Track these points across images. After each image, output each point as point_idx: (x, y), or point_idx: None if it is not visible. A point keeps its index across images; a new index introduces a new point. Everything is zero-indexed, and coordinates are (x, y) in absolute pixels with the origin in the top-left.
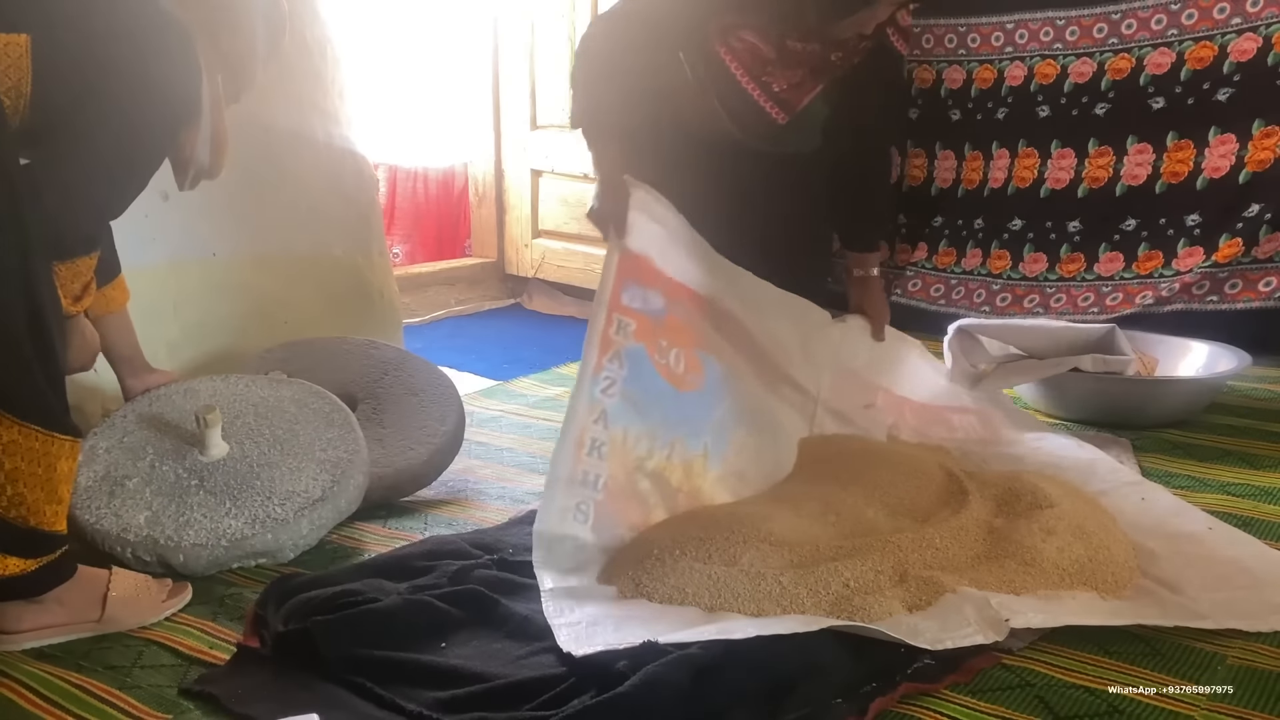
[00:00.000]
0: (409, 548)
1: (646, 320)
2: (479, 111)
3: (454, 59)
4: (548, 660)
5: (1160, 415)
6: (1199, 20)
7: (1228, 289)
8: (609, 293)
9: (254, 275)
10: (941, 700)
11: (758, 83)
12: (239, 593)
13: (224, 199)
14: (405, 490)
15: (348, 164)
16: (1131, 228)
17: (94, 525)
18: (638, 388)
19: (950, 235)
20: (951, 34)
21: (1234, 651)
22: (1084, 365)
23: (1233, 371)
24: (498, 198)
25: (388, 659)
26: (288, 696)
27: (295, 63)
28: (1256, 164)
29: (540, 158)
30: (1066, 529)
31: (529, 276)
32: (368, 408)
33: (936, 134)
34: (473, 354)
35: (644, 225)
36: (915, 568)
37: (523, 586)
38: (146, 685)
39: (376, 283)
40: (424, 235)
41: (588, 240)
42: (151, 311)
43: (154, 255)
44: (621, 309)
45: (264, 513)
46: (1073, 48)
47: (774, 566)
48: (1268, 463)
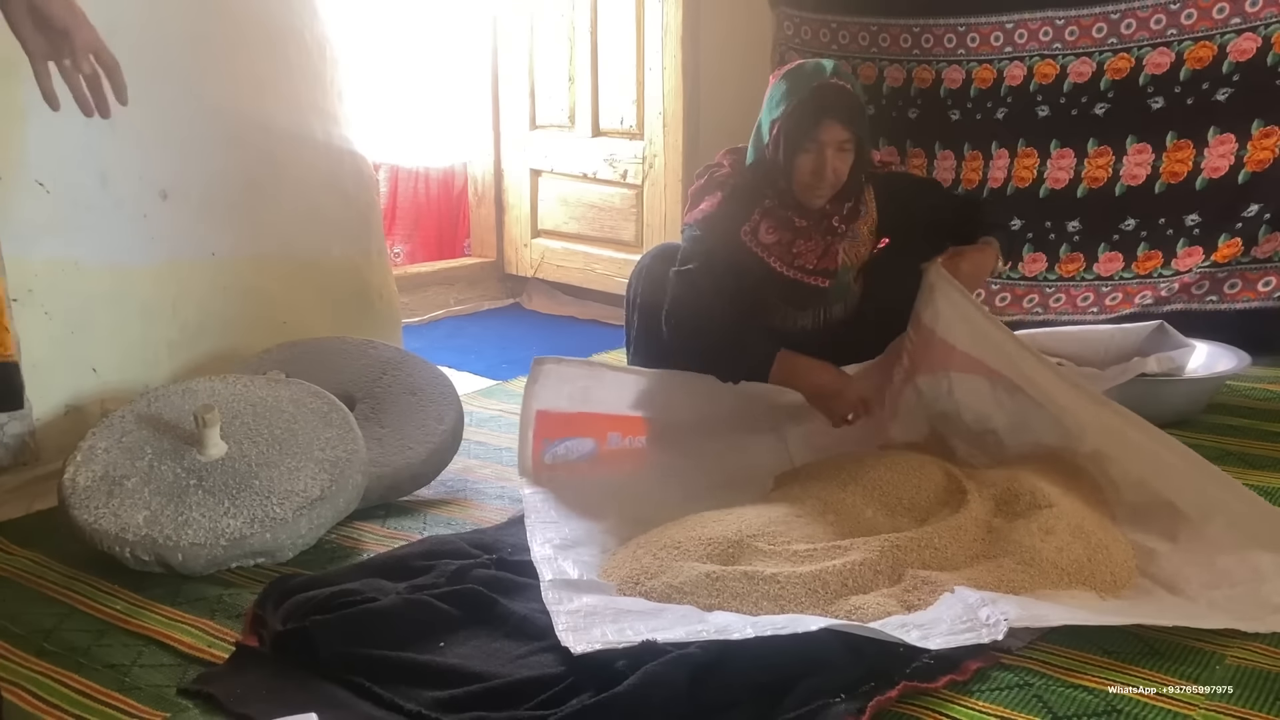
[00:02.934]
0: (408, 547)
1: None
2: (478, 111)
3: (453, 58)
4: (546, 660)
5: (1159, 415)
6: (1198, 20)
7: (1227, 289)
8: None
9: (253, 275)
10: (940, 699)
11: (792, 266)
12: (238, 592)
13: (223, 199)
14: (404, 490)
15: (347, 164)
16: (1131, 227)
17: (93, 525)
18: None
19: None
20: (950, 34)
21: (1232, 651)
22: (1149, 368)
23: (1232, 371)
24: (497, 197)
25: (386, 658)
26: (286, 696)
27: (294, 63)
28: (1256, 164)
29: (539, 157)
30: (1065, 529)
31: (528, 276)
32: (366, 407)
33: (935, 134)
34: (471, 354)
35: (553, 386)
36: (913, 567)
37: (521, 586)
38: (145, 685)
39: (375, 283)
40: (425, 235)
41: (587, 240)
42: (150, 311)
43: (153, 255)
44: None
45: (263, 512)
46: (1072, 47)
47: (771, 566)
48: (1267, 462)
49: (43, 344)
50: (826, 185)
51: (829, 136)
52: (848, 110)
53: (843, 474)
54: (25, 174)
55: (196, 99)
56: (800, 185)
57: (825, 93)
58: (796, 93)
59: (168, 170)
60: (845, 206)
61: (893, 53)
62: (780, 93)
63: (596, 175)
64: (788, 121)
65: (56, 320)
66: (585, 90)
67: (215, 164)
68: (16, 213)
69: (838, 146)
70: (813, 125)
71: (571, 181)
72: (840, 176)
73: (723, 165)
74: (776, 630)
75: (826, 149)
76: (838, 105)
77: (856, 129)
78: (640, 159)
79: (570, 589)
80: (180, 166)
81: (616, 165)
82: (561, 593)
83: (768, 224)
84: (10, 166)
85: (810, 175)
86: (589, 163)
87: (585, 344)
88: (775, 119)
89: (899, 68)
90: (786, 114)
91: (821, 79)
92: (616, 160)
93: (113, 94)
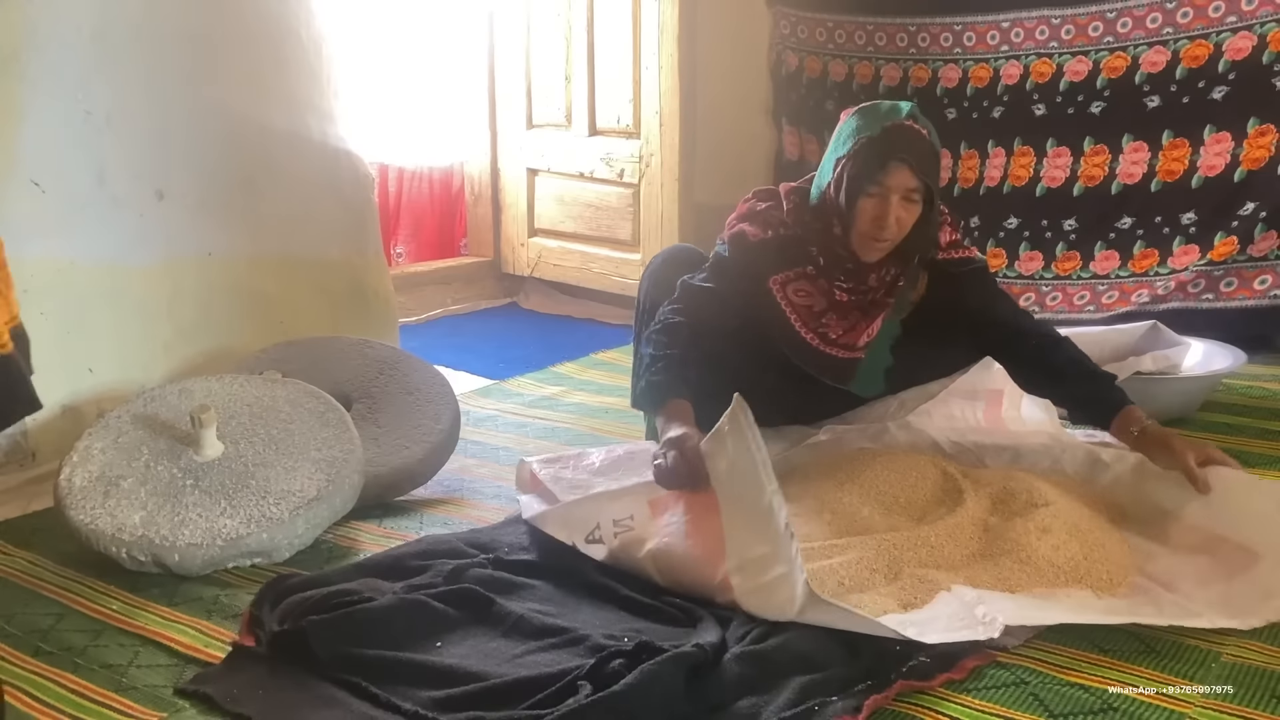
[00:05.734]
0: (404, 547)
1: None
2: (474, 110)
3: (449, 57)
4: (543, 659)
5: (1156, 413)
6: (1194, 19)
7: (1223, 287)
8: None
9: (249, 275)
10: (937, 698)
11: (815, 333)
12: (234, 592)
13: (219, 198)
14: (401, 489)
15: (343, 163)
16: (1127, 226)
17: (89, 525)
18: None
19: None
20: (947, 33)
21: (1229, 649)
22: (1144, 366)
23: (1228, 369)
24: (494, 196)
25: (383, 658)
26: (283, 696)
27: (291, 61)
28: (1252, 162)
29: (536, 156)
30: (1062, 527)
31: (525, 275)
32: (363, 407)
33: None
34: (468, 353)
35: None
36: (910, 566)
37: (518, 585)
38: (142, 685)
39: (372, 282)
40: (425, 235)
41: (583, 239)
42: (146, 311)
43: (149, 255)
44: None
45: (259, 512)
46: (1068, 46)
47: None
48: (1263, 461)
49: (39, 344)
50: (888, 236)
51: (895, 182)
52: (919, 157)
53: (840, 473)
54: (21, 173)
55: (193, 98)
56: (860, 233)
57: (897, 134)
58: (866, 130)
59: (164, 170)
60: (891, 272)
61: (889, 52)
62: (849, 129)
63: (593, 174)
64: (853, 162)
65: (52, 320)
66: (582, 89)
67: (212, 163)
68: (12, 212)
69: (904, 194)
70: (878, 168)
71: (568, 180)
72: (903, 228)
73: (782, 203)
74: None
75: (892, 195)
76: (909, 150)
77: (927, 178)
78: (637, 158)
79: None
80: (177, 166)
81: (613, 164)
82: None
83: (803, 286)
84: (5, 166)
85: (871, 223)
86: (586, 162)
87: (582, 343)
88: (841, 157)
89: (895, 66)
90: (852, 153)
91: (896, 119)
92: (613, 159)
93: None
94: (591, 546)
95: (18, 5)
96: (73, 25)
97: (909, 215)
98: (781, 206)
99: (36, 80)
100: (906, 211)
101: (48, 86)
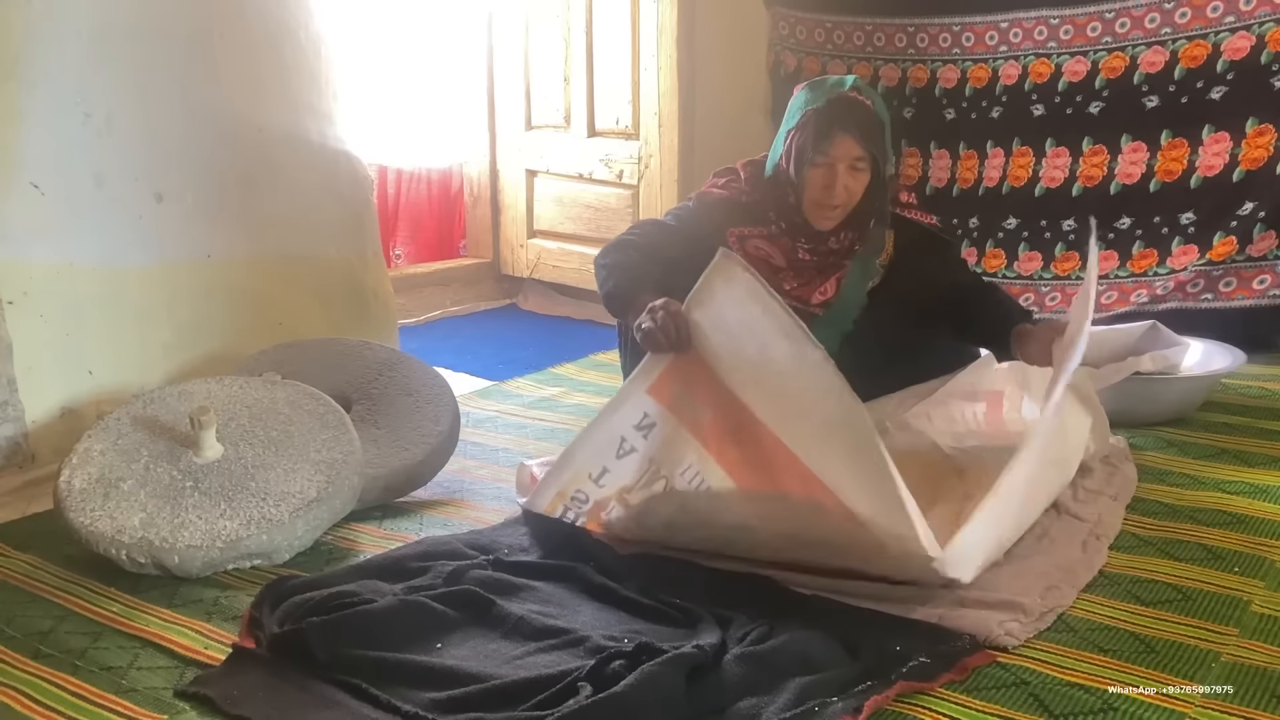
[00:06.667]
0: (404, 548)
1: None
2: (473, 112)
3: (448, 58)
4: (543, 660)
5: (1155, 413)
6: (1192, 19)
7: (1222, 287)
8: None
9: (248, 277)
10: (937, 698)
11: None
12: (234, 594)
13: (218, 200)
14: (400, 491)
15: (342, 165)
16: (1126, 226)
17: (89, 527)
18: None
19: None
20: (946, 33)
21: (1229, 649)
22: (1144, 366)
23: (1227, 369)
24: (493, 198)
25: (383, 660)
26: (283, 698)
27: (290, 62)
28: (1250, 162)
29: (535, 158)
30: None
31: (524, 276)
32: (362, 409)
33: (931, 133)
34: (468, 354)
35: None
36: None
37: (518, 587)
38: (142, 687)
39: (371, 283)
40: (425, 236)
41: (583, 240)
42: (145, 313)
43: (148, 256)
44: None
45: (259, 514)
46: (1067, 46)
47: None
48: (1262, 460)
49: (38, 346)
50: (837, 203)
51: (841, 152)
52: (862, 126)
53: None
54: (20, 176)
55: (192, 100)
56: (811, 202)
57: (841, 106)
58: (813, 103)
59: (162, 171)
60: (849, 236)
61: (888, 52)
62: (798, 103)
63: (592, 175)
64: (800, 133)
65: (52, 323)
66: (580, 90)
67: (210, 165)
68: (11, 215)
69: (850, 163)
70: (824, 138)
71: (567, 182)
72: (852, 197)
73: (738, 176)
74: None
75: (838, 165)
76: (851, 119)
77: (871, 147)
78: (636, 159)
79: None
80: (175, 168)
81: (612, 165)
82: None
83: (762, 244)
84: (4, 169)
85: (820, 191)
86: (585, 163)
87: (582, 344)
88: (790, 129)
89: (894, 67)
90: (800, 125)
91: (840, 91)
92: (612, 160)
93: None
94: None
95: (17, 7)
96: (72, 28)
97: (857, 183)
98: (739, 179)
99: (35, 83)
100: (854, 180)
101: (46, 89)
